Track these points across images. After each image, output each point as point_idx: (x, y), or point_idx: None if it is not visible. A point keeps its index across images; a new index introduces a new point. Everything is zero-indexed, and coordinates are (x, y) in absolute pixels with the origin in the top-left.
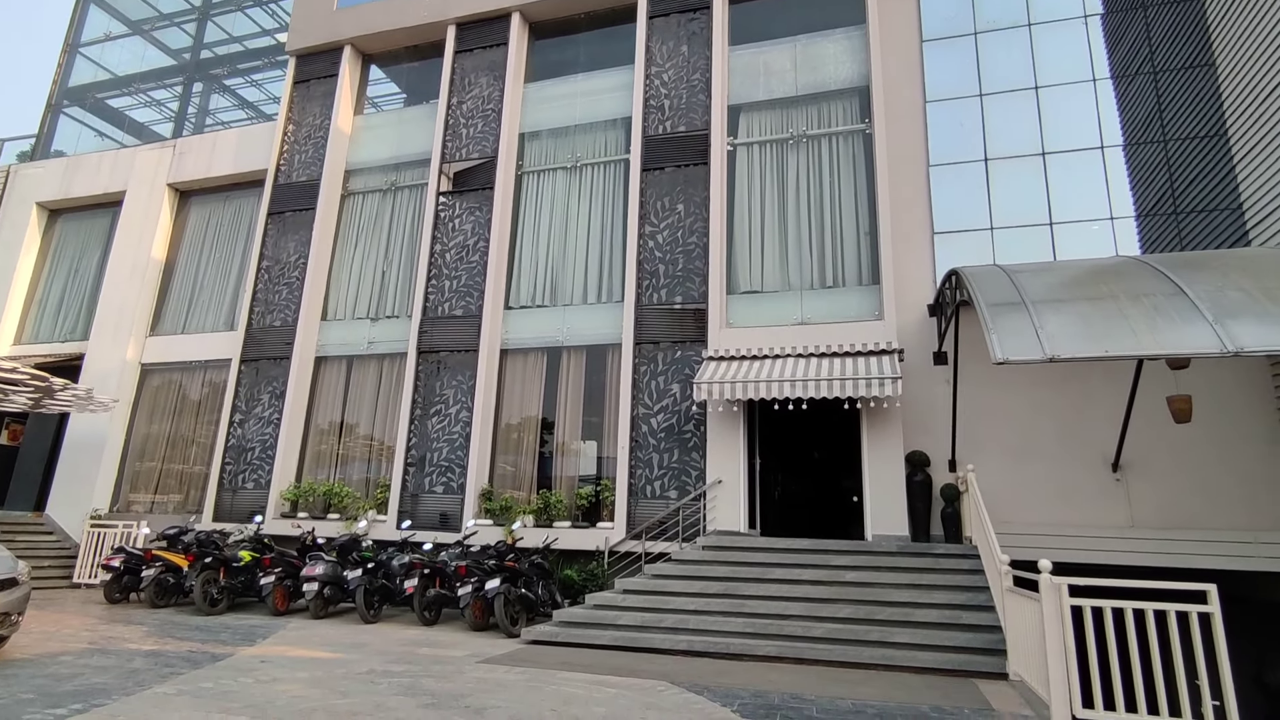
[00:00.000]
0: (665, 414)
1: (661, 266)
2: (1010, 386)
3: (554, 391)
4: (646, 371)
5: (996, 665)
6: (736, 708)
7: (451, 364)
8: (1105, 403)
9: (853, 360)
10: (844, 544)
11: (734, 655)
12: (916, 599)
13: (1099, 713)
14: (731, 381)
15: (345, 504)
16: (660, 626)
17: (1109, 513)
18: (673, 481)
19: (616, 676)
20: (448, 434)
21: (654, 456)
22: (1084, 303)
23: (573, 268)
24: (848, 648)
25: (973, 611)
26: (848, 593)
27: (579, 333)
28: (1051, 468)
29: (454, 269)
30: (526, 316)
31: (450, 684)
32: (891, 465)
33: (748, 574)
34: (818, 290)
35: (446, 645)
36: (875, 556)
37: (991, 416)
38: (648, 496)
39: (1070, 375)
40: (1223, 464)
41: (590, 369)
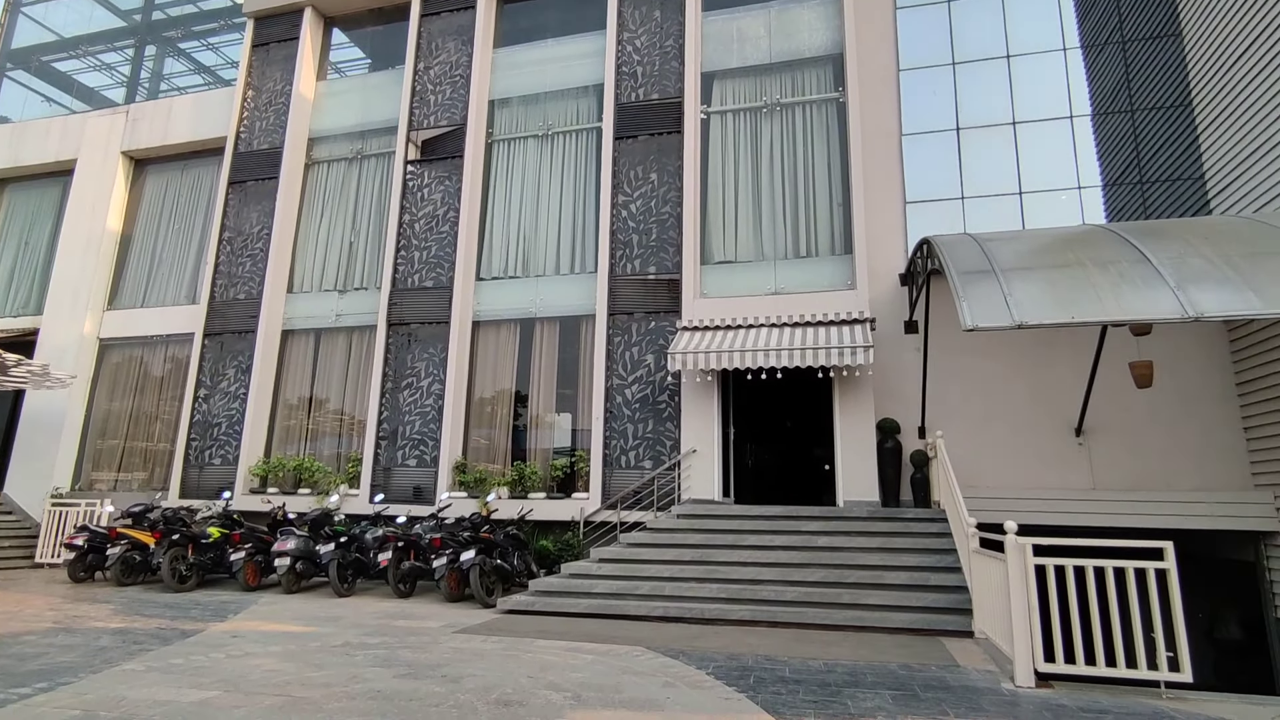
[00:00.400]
0: (639, 384)
1: (635, 236)
2: (979, 354)
3: (527, 363)
4: (620, 342)
5: (963, 624)
6: (711, 670)
7: (423, 336)
8: (1070, 370)
9: (825, 330)
10: (816, 510)
11: (709, 620)
12: (886, 562)
13: (1060, 666)
14: (705, 352)
15: (316, 479)
16: (636, 594)
17: (1072, 476)
18: (647, 451)
19: (593, 643)
20: (420, 407)
21: (629, 427)
22: (1052, 270)
23: (545, 238)
24: (820, 610)
25: (940, 573)
26: (820, 557)
27: (552, 304)
28: (1017, 433)
29: (423, 239)
30: (498, 288)
31: (427, 654)
32: (863, 433)
33: (722, 541)
34: (791, 260)
35: (422, 617)
36: (846, 522)
37: (960, 384)
38: (623, 467)
39: (1037, 343)
40: (1179, 427)
41: (564, 340)
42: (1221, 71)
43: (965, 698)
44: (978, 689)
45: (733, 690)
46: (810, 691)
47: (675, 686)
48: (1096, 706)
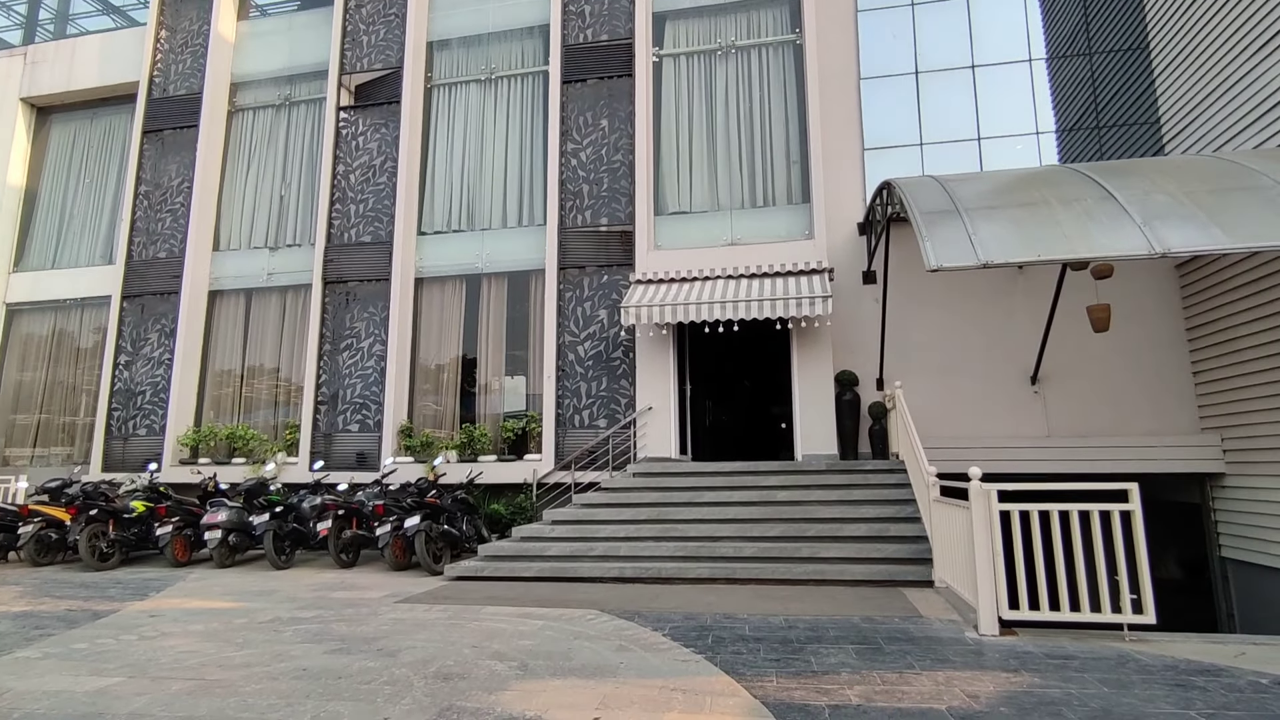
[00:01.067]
0: (593, 341)
1: (585, 186)
2: (937, 304)
3: (475, 321)
4: (572, 297)
5: (923, 574)
6: (668, 631)
7: (362, 295)
8: (1027, 318)
9: (783, 280)
10: (775, 465)
11: (666, 579)
12: (846, 514)
13: (1024, 612)
14: (660, 305)
15: (251, 447)
16: (590, 555)
17: (1028, 424)
18: (602, 410)
19: (544, 608)
20: (361, 369)
21: (582, 385)
22: (1017, 209)
23: (490, 189)
24: (779, 565)
25: (900, 523)
26: (779, 512)
27: (499, 259)
28: (975, 383)
29: (360, 192)
30: (442, 242)
31: (364, 627)
32: (821, 385)
33: (679, 499)
34: (748, 210)
35: (364, 587)
36: (805, 475)
37: (919, 334)
38: (576, 426)
39: (995, 291)
40: (1131, 373)
41: (512, 296)
42: (1179, 14)
43: (929, 649)
44: (941, 639)
45: (690, 651)
46: (771, 650)
47: (630, 650)
48: (1061, 652)
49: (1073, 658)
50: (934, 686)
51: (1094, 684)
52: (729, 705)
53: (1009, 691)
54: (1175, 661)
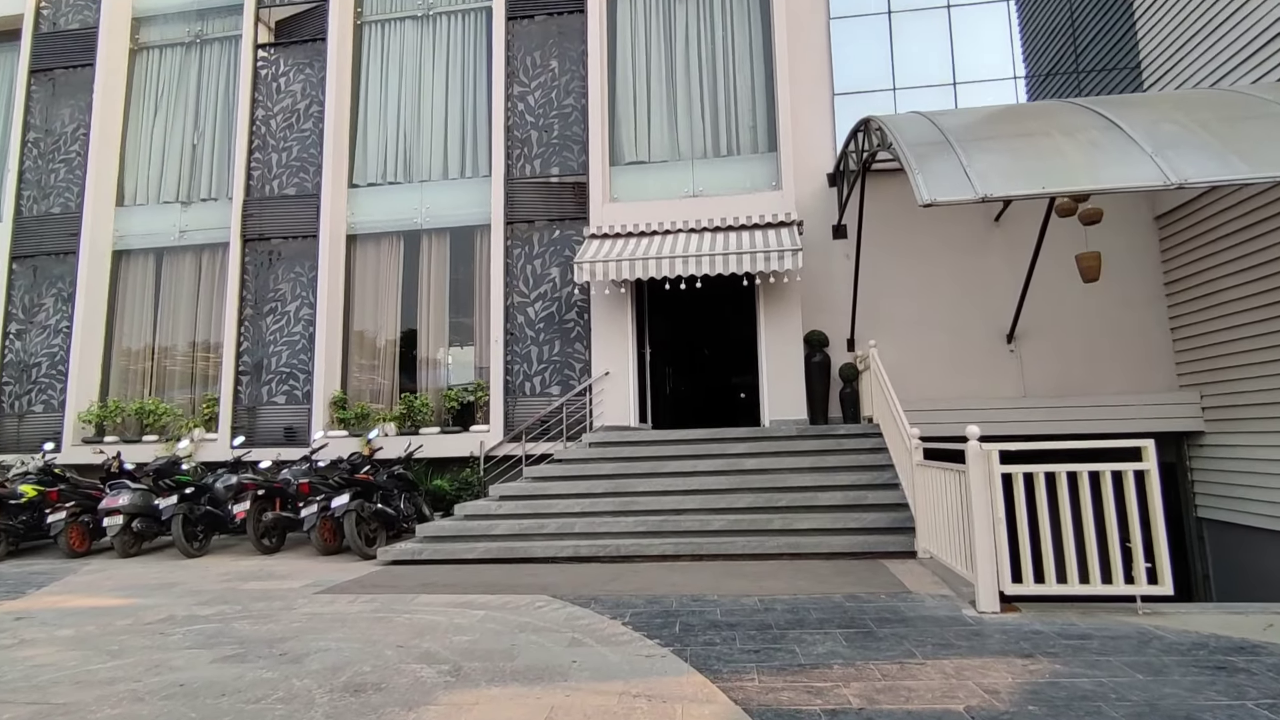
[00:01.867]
0: (544, 301)
1: (534, 133)
2: (911, 259)
3: (414, 281)
4: (521, 255)
5: (905, 544)
6: (629, 619)
7: (287, 253)
8: (1004, 273)
9: (749, 234)
10: (742, 431)
11: (626, 558)
12: (819, 482)
13: (1028, 586)
14: (617, 260)
15: (164, 423)
16: (542, 533)
17: (1003, 384)
18: (555, 376)
19: (488, 595)
20: (287, 335)
21: (533, 350)
22: (1015, 139)
23: (429, 137)
24: (749, 539)
25: (878, 490)
26: (747, 481)
27: (440, 213)
28: (949, 341)
29: (283, 139)
30: (376, 196)
31: (271, 625)
32: (789, 346)
33: (639, 469)
34: (710, 159)
35: (283, 575)
36: (774, 442)
37: (891, 292)
38: (527, 394)
39: (971, 245)
40: (1108, 330)
41: (456, 254)
42: None
43: (928, 631)
44: (938, 619)
45: (655, 644)
46: (748, 638)
47: (584, 644)
48: (1075, 631)
49: (1089, 637)
50: (943, 680)
51: (1123, 669)
52: (705, 715)
53: (1031, 684)
54: (1202, 638)
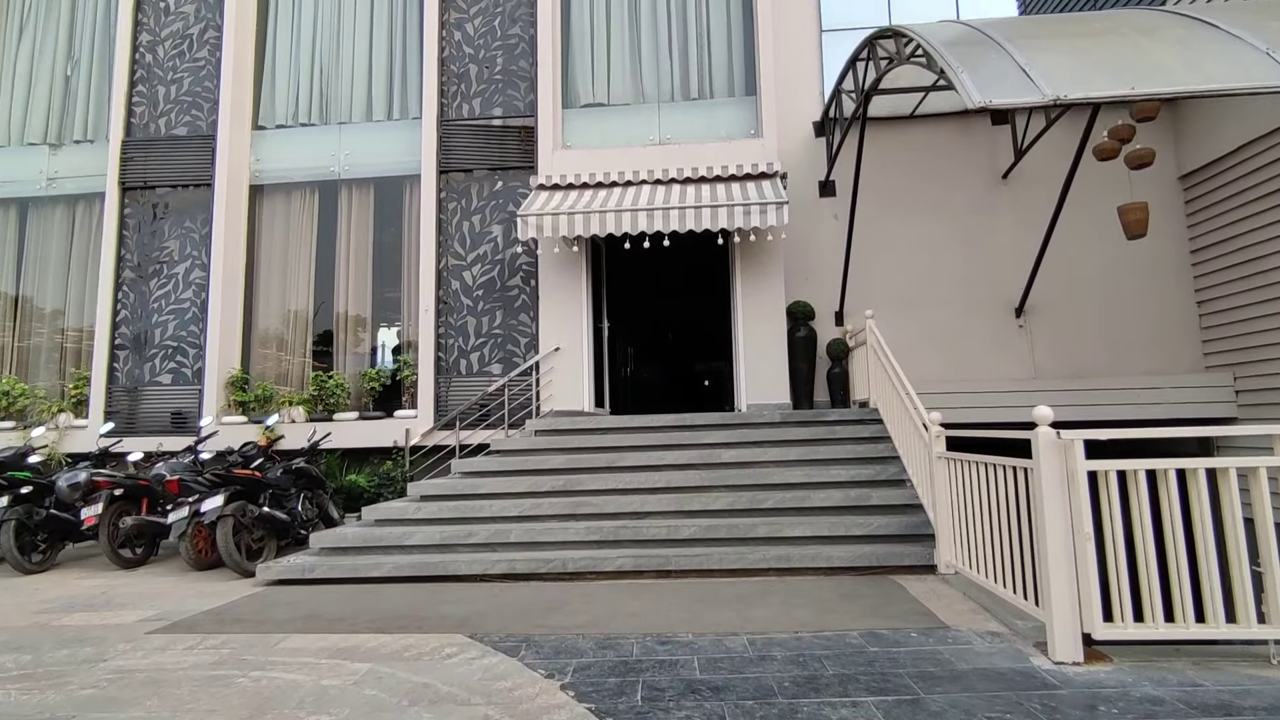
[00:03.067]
0: (484, 265)
1: (473, 68)
2: (908, 223)
3: (331, 240)
4: (456, 210)
5: (922, 555)
6: (571, 677)
7: (176, 205)
8: (1012, 240)
9: (725, 186)
10: (716, 417)
11: (574, 575)
12: (811, 478)
13: (1124, 626)
14: (569, 213)
15: (22, 406)
16: (469, 543)
17: (1012, 364)
18: (495, 352)
19: (385, 634)
20: (175, 302)
21: (470, 321)
22: (1080, 39)
23: (351, 70)
24: (729, 550)
25: (883, 488)
26: (724, 477)
27: (363, 160)
28: (951, 316)
29: (172, 70)
30: (286, 139)
31: (52, 692)
32: (770, 319)
33: (593, 462)
34: (680, 103)
35: (125, 603)
36: (755, 429)
37: (885, 258)
38: (462, 373)
39: (976, 204)
40: (1129, 303)
41: (380, 209)
42: None
43: (995, 697)
44: (1001, 674)
45: None
46: (745, 715)
47: None
48: (1205, 697)
49: (1232, 711)
50: None
51: None
52: None
53: None
54: None
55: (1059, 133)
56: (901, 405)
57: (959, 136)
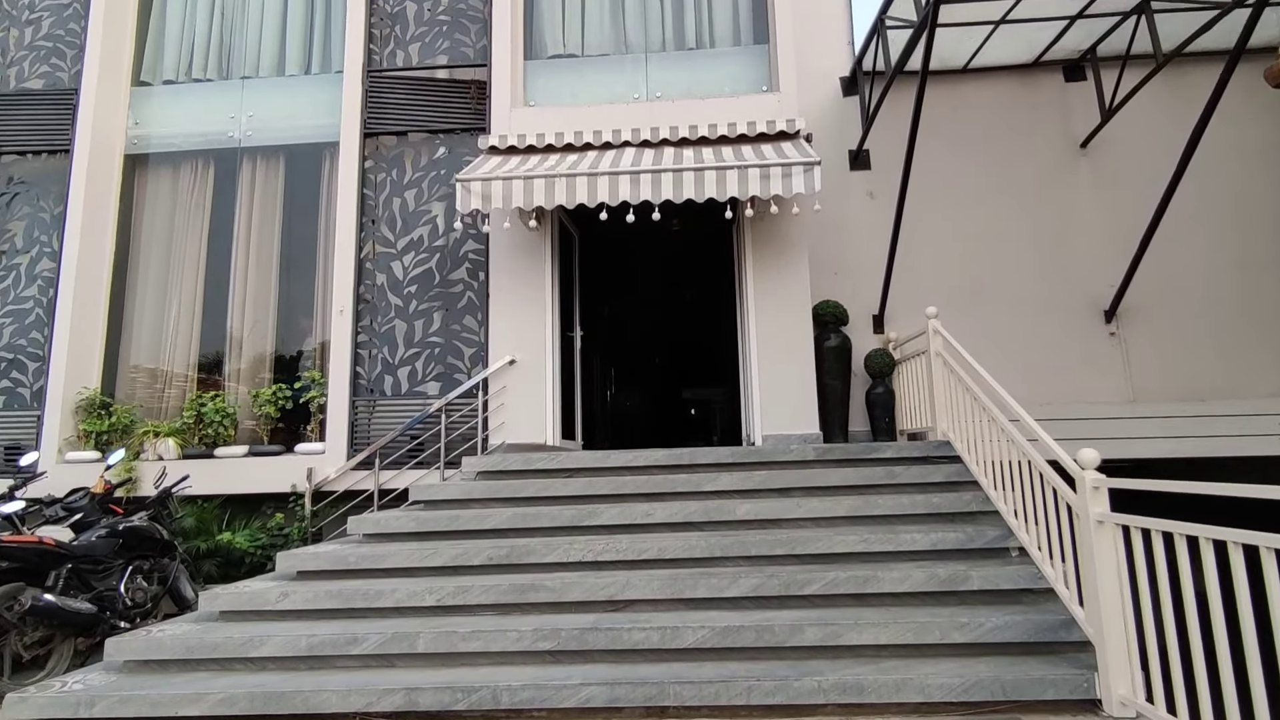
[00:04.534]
0: (420, 253)
1: (411, 5)
2: (962, 202)
3: (228, 224)
4: (386, 183)
5: (1073, 681)
6: None
7: (26, 177)
8: (1094, 223)
9: (734, 148)
10: (726, 454)
11: (511, 715)
12: (873, 545)
13: None
14: (529, 176)
15: None
16: (352, 654)
17: (1100, 382)
18: (432, 366)
19: None
20: (14, 302)
21: (398, 326)
22: None
23: (259, 13)
24: (760, 670)
25: (984, 562)
26: (744, 544)
27: (271, 124)
28: (1018, 322)
29: (29, 8)
30: (175, 98)
31: None
32: (792, 324)
33: (554, 519)
34: (672, 54)
35: None
36: (780, 471)
37: (932, 249)
38: (387, 394)
39: (1048, 182)
40: (1251, 307)
41: (292, 185)
42: None
43: None
44: None
45: None
46: None
47: None
48: None
49: None
50: None
51: None
52: None
53: None
54: None
55: (1161, 87)
56: (1000, 437)
57: (1025, 95)
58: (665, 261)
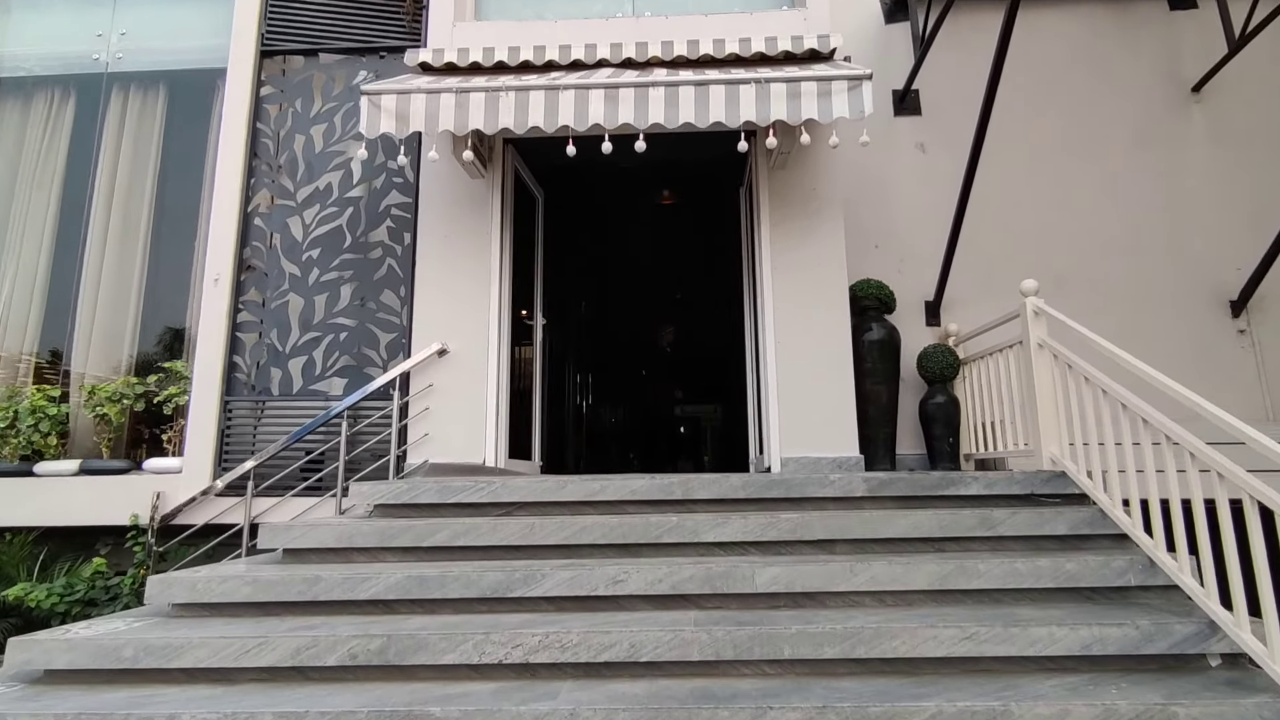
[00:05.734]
0: (328, 206)
1: None
2: (1037, 159)
3: (85, 168)
4: (289, 115)
5: None
6: None
7: None
8: (1216, 184)
9: (748, 69)
10: (731, 484)
11: None
12: (982, 644)
13: None
14: (462, 89)
15: None
16: None
17: (1223, 393)
18: (337, 356)
19: None
20: None
21: (294, 302)
22: None
23: None
24: None
25: (1190, 684)
26: (769, 637)
27: (147, 44)
28: (1119, 313)
29: None
30: (27, 10)
31: None
32: (824, 305)
33: (467, 587)
34: None
35: None
36: (818, 514)
37: (1003, 219)
38: (275, 392)
39: (1158, 132)
40: None
41: (173, 121)
42: None
43: None
44: None
45: None
46: None
47: None
48: None
49: None
50: None
51: None
52: None
53: None
54: None
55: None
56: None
57: (1117, 28)
58: (655, 241)
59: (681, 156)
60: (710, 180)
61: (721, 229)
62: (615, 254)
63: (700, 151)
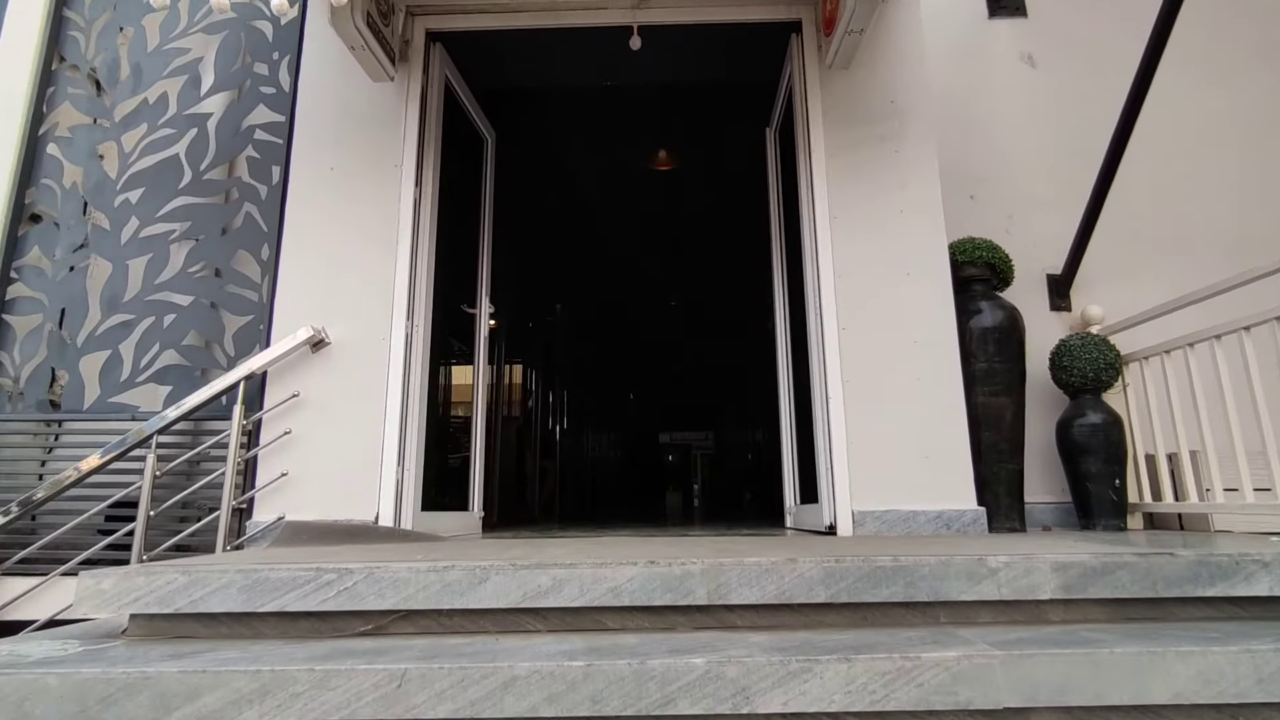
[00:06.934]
0: (161, 128)
1: None
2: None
3: None
4: None
5: None
6: None
7: None
8: None
9: None
10: (810, 574)
11: None
12: None
13: None
14: None
15: None
16: None
17: None
18: (156, 351)
19: None
20: None
21: (101, 267)
22: None
23: None
24: None
25: None
26: None
27: None
28: None
29: None
30: None
31: None
32: (912, 274)
33: None
34: None
35: None
36: (977, 632)
37: (1147, 165)
38: (64, 409)
39: None
40: None
41: None
42: None
43: None
44: None
45: None
46: None
47: None
48: None
49: None
50: None
51: None
52: None
53: None
54: None
55: None
56: None
57: None
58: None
59: (684, 78)
60: (727, 117)
61: (730, 218)
62: (602, 232)
63: (714, 68)
